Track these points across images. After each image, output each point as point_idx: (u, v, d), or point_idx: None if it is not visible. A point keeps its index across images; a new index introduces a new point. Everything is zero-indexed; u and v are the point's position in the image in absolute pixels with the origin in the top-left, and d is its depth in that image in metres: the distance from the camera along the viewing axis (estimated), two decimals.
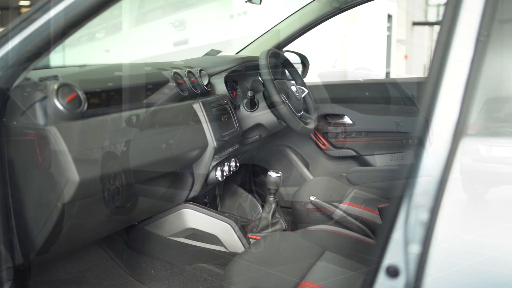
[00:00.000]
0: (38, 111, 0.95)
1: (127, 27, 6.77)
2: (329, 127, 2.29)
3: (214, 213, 1.52)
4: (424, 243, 0.70)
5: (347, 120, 2.27)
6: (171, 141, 1.27)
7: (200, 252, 1.55)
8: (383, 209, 1.40)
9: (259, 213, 1.77)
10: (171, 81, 1.41)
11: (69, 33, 0.94)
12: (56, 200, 0.99)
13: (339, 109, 2.27)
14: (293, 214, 1.84)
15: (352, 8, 2.02)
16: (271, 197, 1.64)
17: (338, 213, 1.70)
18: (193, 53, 2.20)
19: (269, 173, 1.62)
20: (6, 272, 1.01)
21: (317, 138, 2.30)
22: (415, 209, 0.70)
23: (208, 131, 1.43)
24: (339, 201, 1.72)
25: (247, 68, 1.92)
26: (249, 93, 1.69)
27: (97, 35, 6.40)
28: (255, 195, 1.98)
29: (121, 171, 1.10)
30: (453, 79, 0.70)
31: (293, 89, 1.81)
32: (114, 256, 1.66)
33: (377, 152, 2.23)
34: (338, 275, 1.14)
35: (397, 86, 2.28)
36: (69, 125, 0.97)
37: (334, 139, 2.30)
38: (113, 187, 1.11)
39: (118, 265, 1.64)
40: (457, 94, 0.69)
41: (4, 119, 0.98)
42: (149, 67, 1.48)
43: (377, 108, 2.24)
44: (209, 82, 1.62)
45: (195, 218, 1.51)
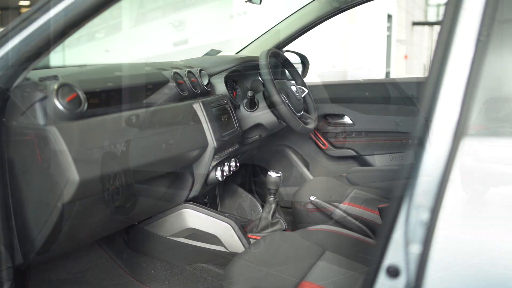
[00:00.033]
0: (38, 111, 0.95)
1: (127, 27, 6.77)
2: (329, 127, 2.29)
3: (214, 213, 1.52)
4: (425, 243, 0.70)
5: (347, 120, 2.27)
6: (171, 141, 1.27)
7: (200, 252, 1.55)
8: (383, 209, 1.40)
9: (259, 213, 1.77)
10: (171, 81, 1.41)
11: (69, 33, 0.94)
12: (56, 200, 0.99)
13: (339, 109, 2.27)
14: (293, 214, 1.83)
15: (352, 8, 2.02)
16: (271, 197, 1.64)
17: (338, 213, 1.69)
18: (193, 53, 2.20)
19: (269, 173, 1.61)
20: (6, 272, 1.01)
21: (317, 138, 2.30)
22: (415, 209, 0.70)
23: (208, 131, 1.43)
24: (339, 201, 1.72)
25: (247, 68, 1.92)
26: (249, 93, 1.68)
27: (97, 35, 6.39)
28: (255, 195, 1.99)
29: (121, 171, 1.10)
30: (453, 79, 0.70)
31: (293, 89, 1.81)
32: (114, 256, 1.66)
33: (377, 152, 2.23)
34: (338, 275, 1.14)
35: (397, 86, 2.28)
36: (69, 125, 0.97)
37: (334, 139, 2.30)
38: (113, 187, 1.11)
39: (118, 265, 1.64)
40: (457, 94, 0.69)
41: (4, 119, 0.98)
42: (149, 67, 1.48)
43: (377, 108, 2.24)
44: (209, 82, 1.62)
45: (195, 218, 1.51)
